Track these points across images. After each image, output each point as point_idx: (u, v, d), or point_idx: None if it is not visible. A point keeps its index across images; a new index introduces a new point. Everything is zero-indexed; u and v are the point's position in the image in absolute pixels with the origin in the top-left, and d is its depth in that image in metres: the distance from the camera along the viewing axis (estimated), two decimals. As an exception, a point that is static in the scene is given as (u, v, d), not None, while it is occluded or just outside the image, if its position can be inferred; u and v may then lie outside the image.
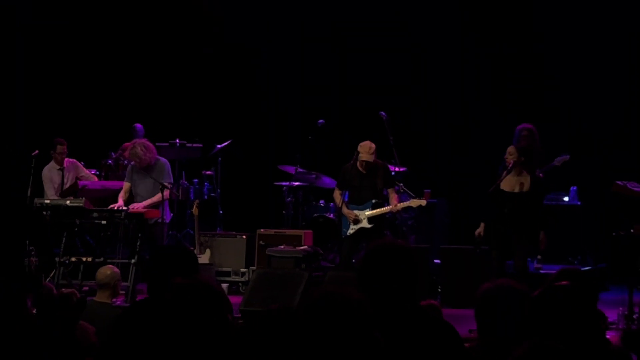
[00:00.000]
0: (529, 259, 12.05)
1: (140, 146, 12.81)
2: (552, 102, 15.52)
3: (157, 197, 12.64)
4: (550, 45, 15.68)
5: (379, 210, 12.25)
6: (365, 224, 12.29)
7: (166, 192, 12.63)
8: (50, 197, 13.90)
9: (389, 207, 12.24)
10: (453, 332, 4.39)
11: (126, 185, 13.03)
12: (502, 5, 15.96)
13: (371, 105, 14.12)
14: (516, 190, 11.21)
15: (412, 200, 12.39)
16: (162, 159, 13.02)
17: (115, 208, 12.64)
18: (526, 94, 15.69)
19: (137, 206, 12.63)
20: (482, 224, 11.44)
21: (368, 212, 12.29)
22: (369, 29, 16.50)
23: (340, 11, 16.54)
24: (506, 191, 11.23)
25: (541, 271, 13.50)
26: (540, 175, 12.43)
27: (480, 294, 4.54)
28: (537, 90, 15.72)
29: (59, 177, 14.15)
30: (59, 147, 14.12)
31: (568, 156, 13.56)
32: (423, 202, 12.45)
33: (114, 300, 9.08)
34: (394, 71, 16.31)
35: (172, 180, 13.03)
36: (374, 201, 12.29)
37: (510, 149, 11.36)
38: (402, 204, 12.27)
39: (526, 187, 11.20)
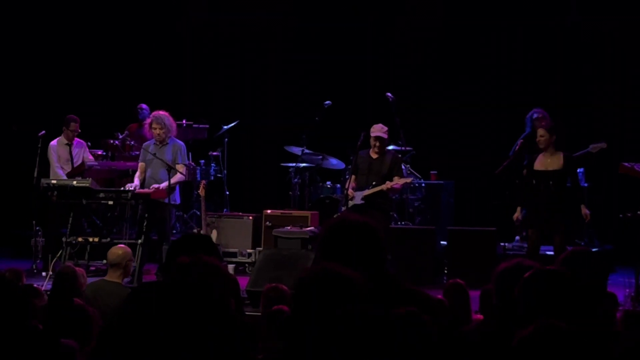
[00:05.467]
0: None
1: (164, 115, 12.80)
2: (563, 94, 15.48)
3: (177, 177, 12.62)
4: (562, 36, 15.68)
5: (373, 189, 12.31)
6: (357, 200, 12.36)
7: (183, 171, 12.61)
8: (55, 169, 13.92)
9: (379, 187, 12.29)
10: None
11: (141, 165, 12.95)
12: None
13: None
14: (550, 168, 11.30)
15: (396, 179, 12.40)
16: (180, 141, 13.00)
17: (132, 188, 12.57)
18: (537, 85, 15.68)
19: (161, 186, 12.53)
20: (519, 208, 11.49)
21: (366, 192, 12.37)
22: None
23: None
24: (541, 170, 11.32)
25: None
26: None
27: (498, 273, 4.49)
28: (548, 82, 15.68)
29: (66, 152, 14.15)
30: (72, 124, 14.16)
31: (605, 144, 13.51)
32: (408, 180, 12.63)
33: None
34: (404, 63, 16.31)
35: (187, 162, 13.02)
36: (374, 183, 12.34)
37: (541, 130, 11.46)
38: (390, 182, 12.29)
39: (559, 164, 11.30)
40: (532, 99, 15.29)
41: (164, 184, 12.44)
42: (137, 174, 12.95)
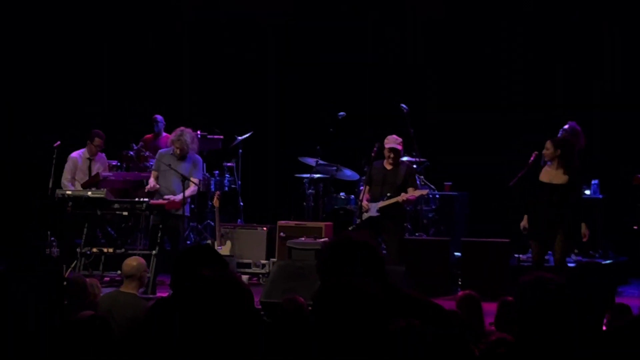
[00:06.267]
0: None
1: (190, 134, 12.80)
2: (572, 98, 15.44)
3: (190, 191, 12.64)
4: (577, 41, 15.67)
5: (388, 201, 12.31)
6: (373, 212, 12.35)
7: (193, 187, 12.63)
8: (64, 180, 13.96)
9: (395, 198, 12.29)
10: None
11: (154, 173, 12.94)
12: None
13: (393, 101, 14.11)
14: (554, 182, 11.26)
15: (411, 190, 12.39)
16: (198, 156, 13.02)
17: (150, 187, 12.62)
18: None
19: (175, 198, 12.53)
20: (525, 217, 11.46)
21: (381, 204, 12.36)
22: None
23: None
24: (544, 182, 11.29)
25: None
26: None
27: (518, 287, 4.48)
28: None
29: (85, 166, 14.20)
30: (97, 139, 14.21)
31: None
32: (424, 192, 12.66)
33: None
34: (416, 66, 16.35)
35: (201, 177, 13.04)
36: (388, 194, 12.34)
37: (547, 143, 11.43)
38: (405, 194, 12.29)
39: (563, 179, 11.25)
40: (534, 101, 15.34)
41: (179, 196, 12.46)
42: (151, 179, 12.93)
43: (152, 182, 12.78)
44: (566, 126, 13.48)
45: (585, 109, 14.99)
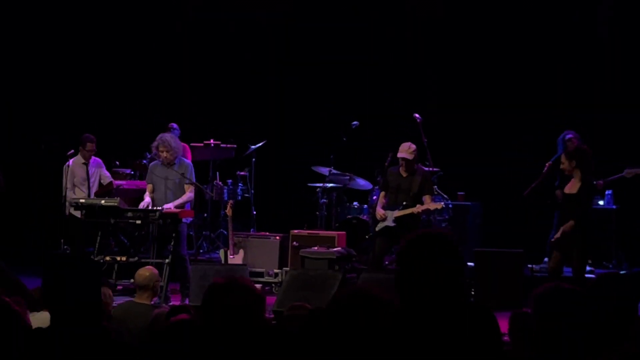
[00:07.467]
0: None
1: (168, 135, 12.73)
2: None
3: (186, 197, 12.57)
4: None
5: (403, 211, 12.27)
6: (389, 222, 12.31)
7: (189, 193, 12.55)
8: (67, 190, 13.90)
9: (411, 209, 12.24)
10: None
11: (149, 186, 12.78)
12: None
13: (405, 110, 14.10)
14: (572, 191, 11.25)
15: (428, 203, 12.36)
16: (186, 160, 12.97)
17: (145, 205, 12.52)
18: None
19: (167, 206, 12.48)
20: (561, 230, 11.44)
21: (397, 213, 12.32)
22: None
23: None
24: (566, 193, 11.29)
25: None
26: (600, 182, 12.53)
27: (536, 296, 4.46)
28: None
29: (83, 172, 14.12)
30: (89, 144, 14.10)
31: None
32: (439, 206, 12.56)
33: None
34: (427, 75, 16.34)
35: (194, 181, 12.97)
36: (404, 203, 12.31)
37: (562, 157, 11.42)
38: (420, 206, 12.26)
39: (576, 187, 11.24)
40: (534, 101, 15.30)
41: (172, 204, 12.38)
42: (146, 195, 12.80)
43: (147, 197, 12.65)
44: (568, 136, 13.44)
45: (585, 109, 14.97)
